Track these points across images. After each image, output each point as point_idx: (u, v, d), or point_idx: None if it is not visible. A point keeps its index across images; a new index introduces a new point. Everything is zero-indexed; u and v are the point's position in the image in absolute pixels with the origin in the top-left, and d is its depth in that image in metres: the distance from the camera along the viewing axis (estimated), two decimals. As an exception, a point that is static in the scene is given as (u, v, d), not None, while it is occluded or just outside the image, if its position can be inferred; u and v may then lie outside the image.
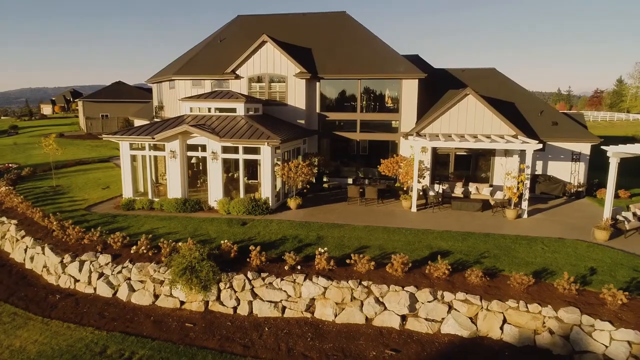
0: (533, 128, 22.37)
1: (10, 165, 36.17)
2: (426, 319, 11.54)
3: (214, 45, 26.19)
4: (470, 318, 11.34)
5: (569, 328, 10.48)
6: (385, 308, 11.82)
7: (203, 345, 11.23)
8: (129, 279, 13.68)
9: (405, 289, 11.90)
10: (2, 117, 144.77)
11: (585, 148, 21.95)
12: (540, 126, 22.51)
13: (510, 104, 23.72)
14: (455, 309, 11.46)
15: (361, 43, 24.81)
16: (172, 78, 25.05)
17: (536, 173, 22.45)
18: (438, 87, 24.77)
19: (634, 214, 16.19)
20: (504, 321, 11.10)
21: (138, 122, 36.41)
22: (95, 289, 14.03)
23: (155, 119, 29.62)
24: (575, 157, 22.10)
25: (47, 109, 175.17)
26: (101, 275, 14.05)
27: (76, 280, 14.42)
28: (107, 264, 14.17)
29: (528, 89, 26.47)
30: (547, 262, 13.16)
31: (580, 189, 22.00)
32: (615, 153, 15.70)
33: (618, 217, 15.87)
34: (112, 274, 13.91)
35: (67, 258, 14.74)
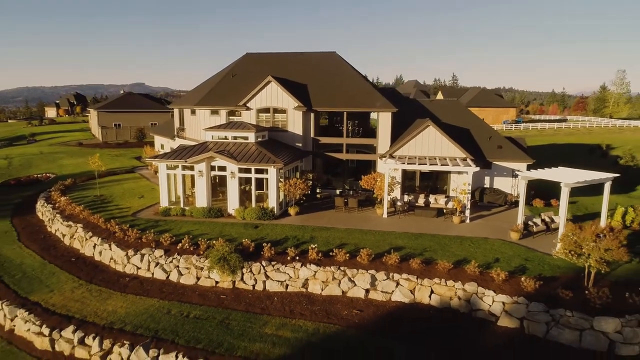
0: (482, 150, 28.26)
1: (48, 175, 41.79)
2: (382, 291, 17.37)
3: (227, 79, 31.94)
4: (410, 290, 17.17)
5: (470, 295, 16.32)
6: (355, 284, 17.64)
7: (234, 308, 17.04)
8: (178, 266, 19.47)
9: (368, 271, 17.72)
10: (9, 121, 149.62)
11: (522, 167, 27.78)
12: (489, 149, 28.39)
13: (466, 130, 29.59)
14: (401, 285, 17.29)
15: (347, 80, 30.64)
16: (194, 108, 30.80)
17: (485, 186, 28.34)
18: (409, 115, 30.47)
19: (542, 220, 22.06)
20: (432, 292, 16.93)
21: (158, 138, 42.01)
22: (153, 274, 19.80)
23: (177, 138, 35.38)
24: (515, 173, 27.93)
25: (51, 112, 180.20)
26: (157, 264, 19.83)
27: (138, 268, 20.19)
28: (161, 256, 19.96)
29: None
30: (468, 254, 19.01)
31: (518, 199, 27.80)
32: (523, 177, 21.57)
33: (529, 222, 21.73)
34: (165, 263, 19.70)
35: (130, 252, 20.52)
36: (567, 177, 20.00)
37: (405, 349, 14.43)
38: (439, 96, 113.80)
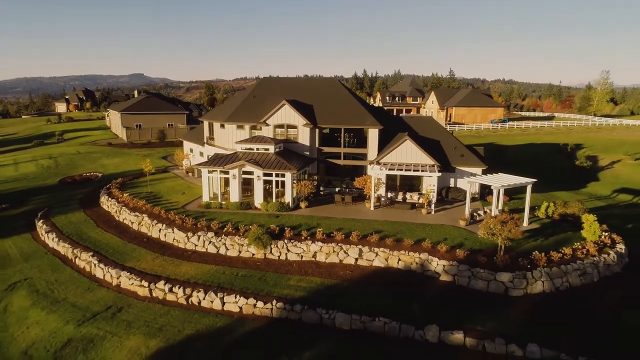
0: (449, 158, 36.55)
1: (96, 174, 49.98)
2: (366, 259, 25.78)
3: (249, 100, 40.12)
4: (385, 259, 25.57)
5: (423, 261, 24.73)
6: (348, 255, 26.05)
7: (267, 270, 25.47)
8: (225, 243, 27.87)
9: (357, 246, 26.11)
10: (23, 117, 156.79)
11: (478, 171, 36.04)
12: (453, 157, 36.67)
13: (437, 142, 37.86)
14: (379, 255, 25.68)
15: (344, 101, 38.83)
16: (224, 123, 39.02)
17: (450, 186, 36.67)
18: (394, 128, 38.62)
19: (485, 212, 30.42)
20: (399, 259, 25.34)
21: (187, 143, 50.08)
22: (207, 249, 28.19)
23: (206, 145, 43.59)
24: (473, 176, 36.18)
25: (61, 107, 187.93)
26: (210, 242, 28.22)
27: (196, 245, 28.58)
28: (212, 237, 28.36)
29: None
30: (427, 235, 27.38)
31: (476, 196, 36.19)
32: (469, 181, 29.92)
33: (474, 213, 30.10)
34: (215, 241, 28.09)
35: (189, 234, 28.92)
36: (499, 181, 28.37)
37: (379, 293, 22.88)
38: (432, 96, 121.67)
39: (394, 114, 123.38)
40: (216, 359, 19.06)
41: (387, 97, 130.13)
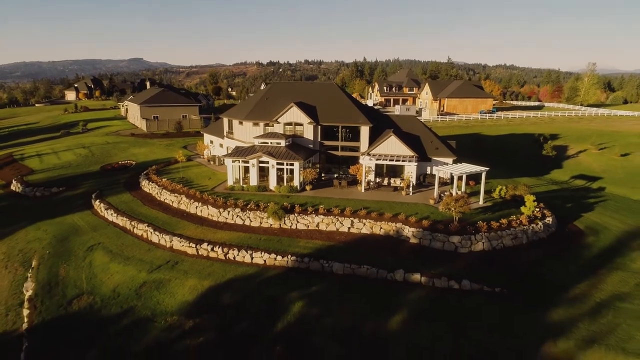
0: (426, 150, 44.98)
1: (130, 162, 58.34)
2: (356, 228, 34.42)
3: (263, 101, 48.38)
4: (370, 227, 34.20)
5: (398, 229, 33.35)
6: (343, 225, 34.69)
7: (282, 236, 34.16)
8: (249, 217, 36.50)
9: (350, 218, 34.74)
10: (36, 105, 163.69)
11: (450, 160, 44.46)
12: (430, 149, 45.08)
13: (417, 136, 46.22)
14: (366, 225, 34.32)
15: (341, 103, 47.09)
16: (242, 120, 47.35)
17: (427, 172, 45.18)
18: (383, 125, 46.90)
19: (449, 193, 38.97)
20: (381, 228, 33.97)
21: (207, 136, 58.38)
22: (235, 221, 36.82)
23: (226, 138, 51.96)
24: (445, 164, 44.60)
25: (70, 95, 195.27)
26: (237, 216, 36.84)
27: (226, 218, 37.21)
28: (239, 212, 36.97)
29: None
30: (403, 210, 35.95)
31: (447, 181, 44.69)
32: (436, 169, 38.42)
33: (442, 194, 38.66)
34: (242, 215, 36.71)
35: (221, 210, 37.54)
36: (458, 169, 36.86)
37: (365, 251, 31.60)
38: (427, 87, 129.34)
39: (391, 103, 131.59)
40: (251, 291, 27.87)
41: (385, 87, 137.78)
